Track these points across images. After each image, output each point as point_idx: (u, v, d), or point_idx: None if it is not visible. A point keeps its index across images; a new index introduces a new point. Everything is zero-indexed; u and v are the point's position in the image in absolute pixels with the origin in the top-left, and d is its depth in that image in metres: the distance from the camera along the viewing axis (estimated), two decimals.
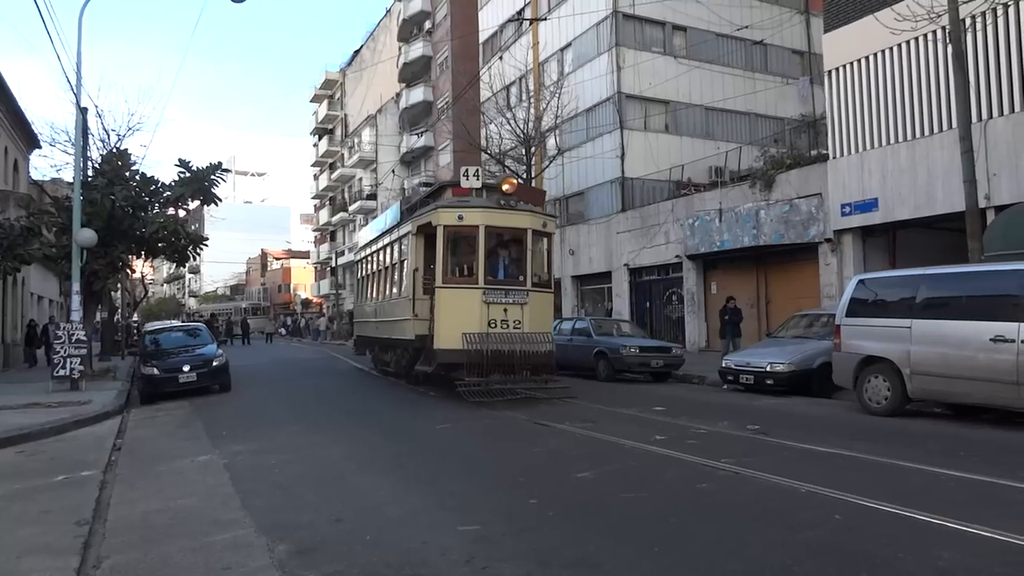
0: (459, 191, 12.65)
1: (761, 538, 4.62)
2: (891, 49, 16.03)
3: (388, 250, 15.76)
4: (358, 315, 20.76)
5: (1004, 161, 13.89)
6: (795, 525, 4.85)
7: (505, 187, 12.38)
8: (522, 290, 12.25)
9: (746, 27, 26.29)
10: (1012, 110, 13.91)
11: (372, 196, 48.91)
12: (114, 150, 20.96)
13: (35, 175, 27.84)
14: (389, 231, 15.68)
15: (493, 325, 11.78)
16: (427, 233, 12.94)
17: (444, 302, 11.96)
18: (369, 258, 18.32)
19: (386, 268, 15.99)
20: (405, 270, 13.76)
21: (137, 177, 19.08)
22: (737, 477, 6.29)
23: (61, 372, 14.72)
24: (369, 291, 18.43)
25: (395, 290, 15.01)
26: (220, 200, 20.01)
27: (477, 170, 12.84)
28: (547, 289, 13.20)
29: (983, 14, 13.45)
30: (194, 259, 21.55)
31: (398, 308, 14.26)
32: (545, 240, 13.21)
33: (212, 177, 18.85)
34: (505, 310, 11.93)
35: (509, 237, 13.01)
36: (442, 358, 12.02)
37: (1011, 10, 13.78)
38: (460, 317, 11.66)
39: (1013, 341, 8.24)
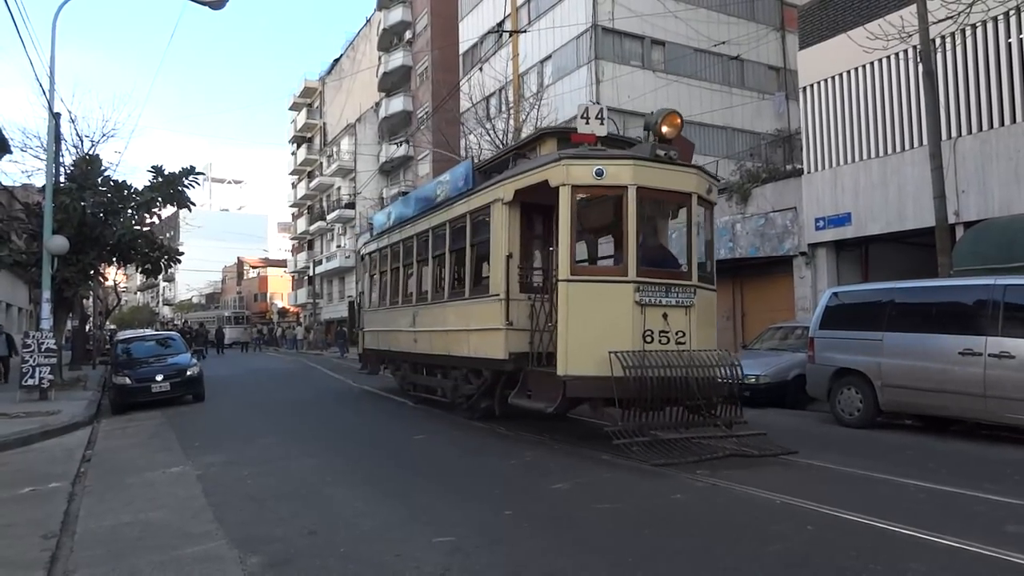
0: (579, 138, 8.82)
1: (733, 550, 4.66)
2: (864, 67, 16.35)
3: (440, 233, 11.63)
4: (372, 323, 16.09)
5: (972, 178, 14.21)
6: (767, 537, 4.90)
7: (666, 129, 8.37)
8: (687, 286, 8.39)
9: (723, 43, 26.70)
10: (980, 128, 14.24)
11: (350, 205, 48.72)
12: (85, 156, 20.65)
13: (5, 180, 27.33)
14: (441, 206, 11.56)
15: (649, 338, 7.99)
16: (529, 201, 9.45)
17: (576, 304, 8.03)
18: (395, 248, 14.10)
19: (435, 258, 12.08)
20: (492, 257, 9.64)
21: (109, 183, 18.81)
22: (711, 489, 6.34)
23: (30, 381, 14.42)
24: (395, 291, 14.31)
25: (458, 288, 11.13)
26: (194, 204, 19.78)
27: (602, 110, 9.08)
28: (712, 286, 9.26)
29: (952, 35, 13.77)
30: (167, 271, 21.28)
31: (467, 314, 10.37)
32: (707, 213, 9.35)
33: (185, 181, 18.65)
34: (665, 316, 8.11)
35: (664, 205, 9.29)
36: (574, 390, 7.99)
37: (979, 31, 14.14)
38: (601, 327, 7.91)
39: (980, 354, 8.41)
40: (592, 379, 7.84)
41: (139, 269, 20.67)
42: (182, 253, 20.72)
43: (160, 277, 26.01)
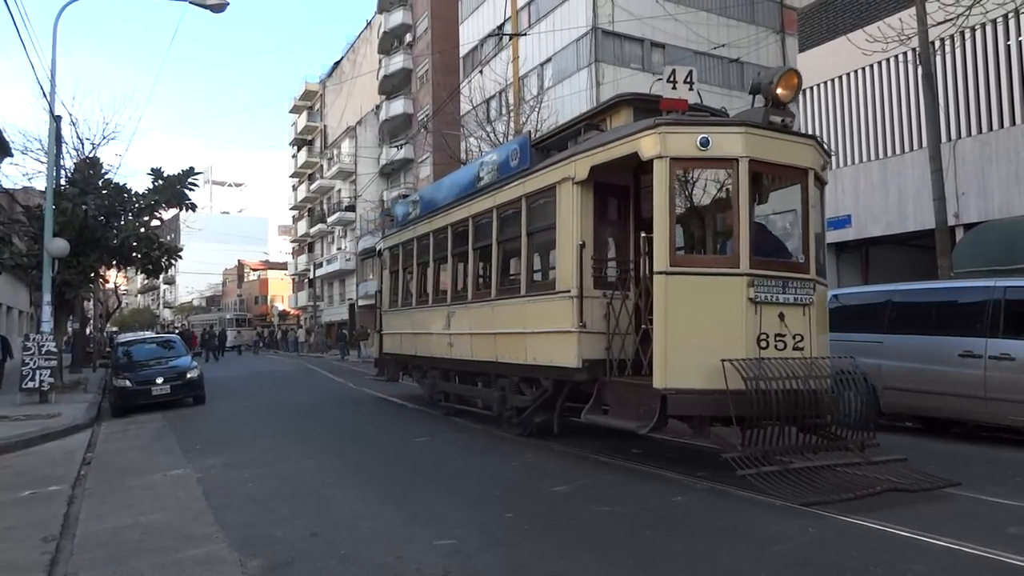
0: (668, 104, 7.36)
1: (734, 552, 4.66)
2: (863, 70, 16.38)
3: (484, 221, 10.17)
4: (393, 325, 14.36)
5: (972, 180, 14.22)
6: (768, 539, 4.90)
7: (782, 91, 7.05)
8: (806, 280, 7.05)
9: (723, 45, 26.73)
10: (980, 130, 14.26)
11: (351, 208, 48.77)
12: (86, 159, 20.69)
13: (6, 183, 27.38)
14: (485, 191, 10.16)
15: (764, 343, 6.69)
16: (602, 181, 8.05)
17: (677, 301, 6.72)
18: (424, 241, 12.47)
19: (478, 250, 10.55)
20: (559, 246, 8.22)
21: (110, 186, 18.85)
22: (711, 491, 6.34)
23: (30, 384, 14.42)
24: (424, 289, 12.84)
25: (510, 284, 9.78)
26: (196, 206, 19.84)
27: (691, 72, 7.89)
28: (826, 282, 7.88)
29: (951, 37, 13.80)
30: (167, 270, 21.32)
31: (523, 314, 8.98)
32: (821, 195, 7.74)
33: (186, 183, 18.71)
34: (781, 316, 6.81)
35: (775, 183, 7.78)
36: (678, 406, 6.71)
37: (978, 34, 14.17)
38: (708, 329, 6.67)
39: (980, 356, 8.41)
40: (700, 393, 6.54)
41: (139, 270, 20.72)
42: (181, 249, 20.74)
43: (161, 277, 26.01)
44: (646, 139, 7.01)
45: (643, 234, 8.04)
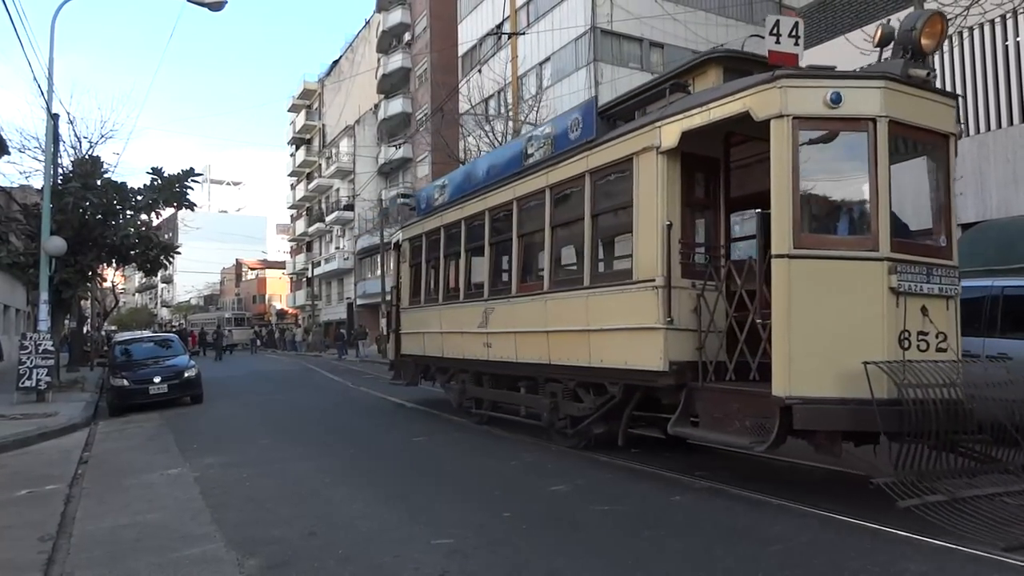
0: (777, 58, 6.37)
1: (732, 551, 4.66)
2: (862, 69, 16.40)
3: (534, 204, 9.09)
4: (413, 323, 12.99)
5: (969, 181, 14.23)
6: (766, 538, 4.90)
7: (926, 40, 6.03)
8: (950, 268, 6.15)
9: (722, 45, 26.72)
10: (978, 131, 14.27)
11: (349, 207, 48.74)
12: (85, 157, 20.65)
13: (3, 181, 27.33)
14: (535, 169, 8.98)
15: (906, 342, 5.66)
16: (693, 154, 7.05)
17: (803, 291, 5.65)
18: (453, 229, 11.29)
19: (524, 236, 9.41)
20: (639, 228, 7.10)
21: (109, 184, 18.83)
22: (709, 490, 6.33)
23: (27, 383, 14.39)
24: (453, 283, 11.62)
25: (569, 275, 8.77)
26: (195, 205, 19.85)
27: (797, 24, 6.72)
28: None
29: (950, 37, 13.81)
30: (166, 268, 21.31)
31: (587, 308, 7.82)
32: (954, 165, 6.61)
33: (185, 183, 18.72)
34: (924, 310, 5.79)
35: (909, 151, 6.73)
36: (806, 419, 5.54)
37: (976, 34, 14.18)
38: (842, 325, 5.60)
39: (978, 357, 8.41)
40: (834, 403, 5.44)
41: (138, 268, 20.71)
42: (179, 247, 20.71)
43: (159, 275, 25.99)
44: (762, 95, 5.83)
45: (753, 211, 6.52)
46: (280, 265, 74.25)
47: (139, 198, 18.56)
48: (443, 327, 11.53)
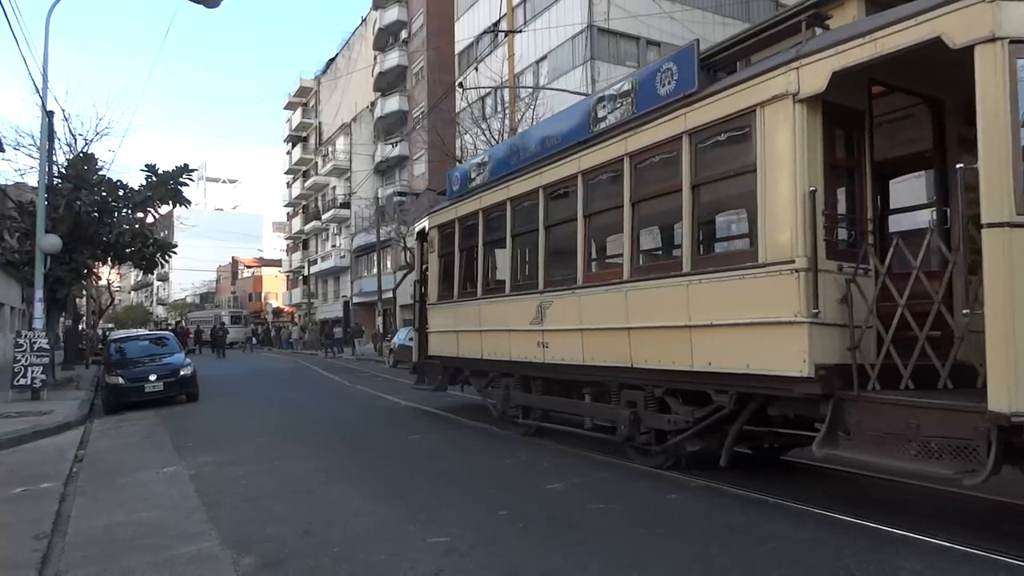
0: None
1: (728, 550, 4.66)
2: None
3: (607, 176, 7.67)
4: (444, 321, 11.40)
5: None
6: (762, 537, 4.91)
7: None
8: None
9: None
10: None
11: (346, 205, 48.66)
12: (80, 154, 20.59)
13: None
14: (608, 136, 7.53)
15: None
16: (834, 104, 5.70)
17: None
18: (496, 212, 9.90)
19: (592, 216, 8.00)
20: (765, 196, 5.78)
21: (104, 182, 18.78)
22: (706, 489, 6.34)
23: (22, 381, 14.34)
24: (495, 274, 10.50)
25: (659, 259, 8.16)
26: (190, 202, 19.80)
27: None
28: None
29: None
30: (162, 266, 21.26)
31: (687, 299, 6.45)
32: None
33: (180, 179, 18.68)
34: None
35: None
36: None
37: None
38: None
39: None
40: None
41: (133, 266, 20.67)
42: (175, 245, 20.66)
43: (155, 273, 25.93)
44: (963, 13, 4.53)
45: (958, 165, 4.88)
46: (276, 263, 74.14)
47: (134, 196, 18.52)
48: (483, 324, 10.04)
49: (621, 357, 7.26)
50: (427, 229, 12.20)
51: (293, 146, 63.79)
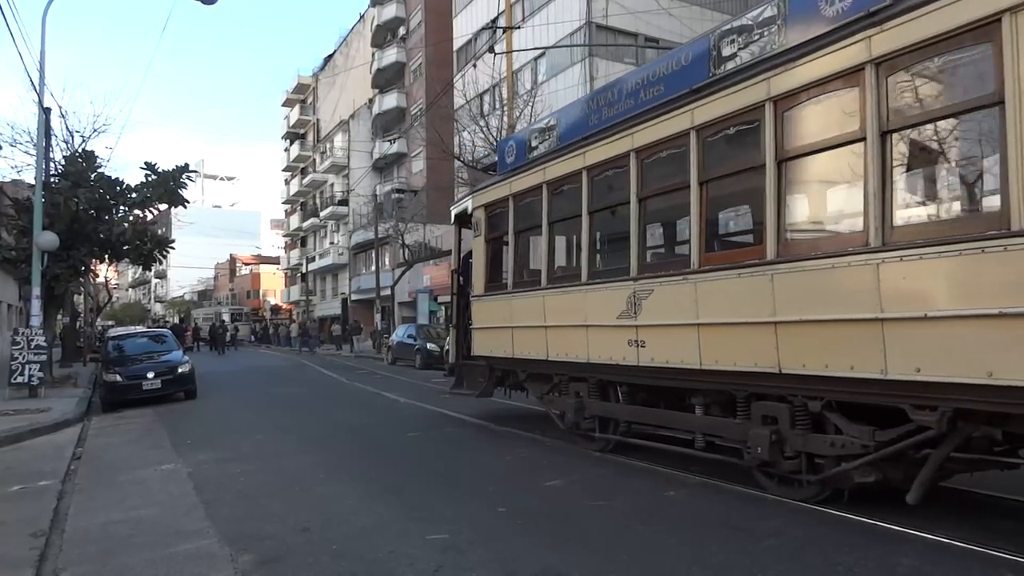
0: None
1: (725, 546, 4.67)
2: None
3: (732, 131, 6.20)
4: (492, 315, 9.81)
5: None
6: (760, 533, 4.91)
7: None
8: None
9: None
10: None
11: (344, 202, 48.62)
12: (79, 151, 20.55)
13: None
14: (735, 78, 6.06)
15: None
16: None
17: None
18: (564, 184, 8.32)
19: (707, 185, 6.43)
20: (1020, 141, 4.12)
21: (102, 179, 18.74)
22: (703, 486, 6.35)
23: (19, 379, 14.33)
24: (565, 258, 9.54)
25: (810, 234, 6.17)
26: (188, 202, 19.78)
27: None
28: None
29: None
30: (160, 263, 21.23)
31: (887, 282, 4.79)
32: None
33: (179, 179, 18.65)
34: None
35: None
36: None
37: None
38: None
39: None
40: None
41: (132, 263, 20.65)
42: (173, 241, 20.61)
43: (153, 269, 25.91)
44: None
45: None
46: (274, 260, 74.07)
47: (133, 195, 18.49)
48: (548, 319, 8.52)
49: (763, 360, 5.68)
50: (470, 210, 10.42)
51: (291, 143, 63.71)
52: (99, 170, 19.10)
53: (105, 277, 47.11)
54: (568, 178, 8.20)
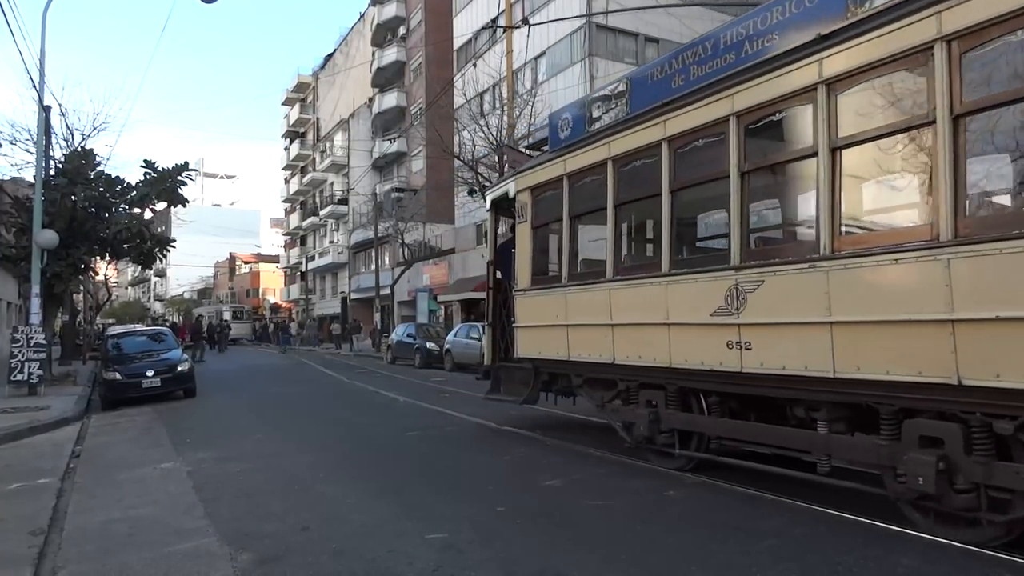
0: None
1: (725, 546, 4.67)
2: None
3: (860, 85, 5.05)
4: (542, 312, 8.67)
5: None
6: (760, 533, 4.91)
7: None
8: None
9: None
10: None
11: (343, 201, 48.62)
12: (78, 149, 20.53)
13: None
14: (878, 19, 4.88)
15: None
16: None
17: None
18: (640, 157, 7.14)
19: (833, 152, 5.19)
20: None
21: (101, 177, 18.73)
22: (703, 486, 6.34)
23: (19, 377, 14.32)
24: (637, 246, 8.54)
25: (998, 211, 4.94)
26: (187, 201, 19.80)
27: None
28: None
29: None
30: (160, 261, 21.23)
31: None
32: None
33: (179, 177, 18.65)
34: None
35: None
36: None
37: None
38: None
39: None
40: None
41: (131, 261, 20.65)
42: (173, 240, 20.61)
43: (152, 268, 25.92)
44: None
45: None
46: (274, 259, 74.06)
47: (132, 194, 18.48)
48: (615, 317, 7.40)
49: (931, 368, 4.53)
50: (512, 194, 9.27)
51: (291, 142, 63.72)
52: (97, 168, 19.11)
53: (105, 275, 47.09)
54: (643, 152, 7.02)
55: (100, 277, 45.11)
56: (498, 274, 10.08)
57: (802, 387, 5.54)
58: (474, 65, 30.34)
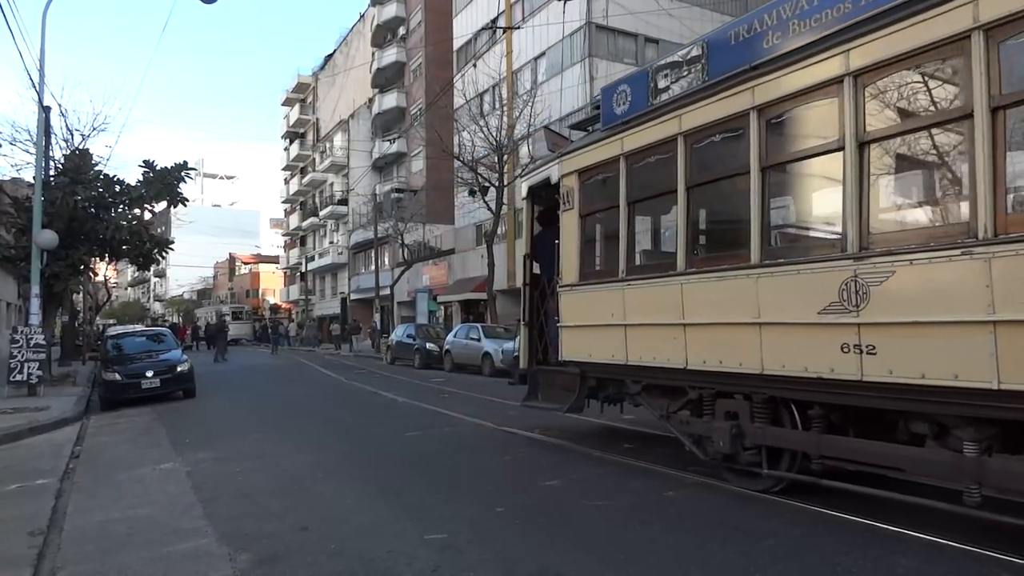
0: None
1: (724, 546, 4.67)
2: None
3: None
4: (592, 311, 7.66)
5: None
6: (759, 533, 4.91)
7: None
8: None
9: None
10: None
11: (343, 201, 48.66)
12: (76, 150, 20.55)
13: None
14: None
15: None
16: None
17: None
18: (717, 132, 6.20)
19: (1000, 110, 4.12)
20: None
21: (100, 178, 18.74)
22: (702, 486, 6.34)
23: (18, 377, 14.32)
24: (713, 236, 7.20)
25: None
26: (187, 200, 19.80)
27: None
28: None
29: None
30: (159, 262, 21.25)
31: None
32: None
33: (178, 176, 18.66)
34: None
35: None
36: None
37: None
38: None
39: None
40: None
41: (130, 262, 20.67)
42: (172, 241, 20.62)
43: (152, 269, 25.96)
44: None
45: None
46: (274, 259, 74.09)
47: (131, 192, 18.48)
48: (687, 316, 6.44)
49: None
50: (554, 179, 8.32)
51: (291, 142, 63.74)
52: (97, 168, 19.13)
53: (104, 276, 47.10)
54: (724, 124, 6.11)
55: (100, 278, 45.15)
56: (536, 268, 9.19)
57: (949, 400, 4.53)
58: (474, 66, 30.35)
